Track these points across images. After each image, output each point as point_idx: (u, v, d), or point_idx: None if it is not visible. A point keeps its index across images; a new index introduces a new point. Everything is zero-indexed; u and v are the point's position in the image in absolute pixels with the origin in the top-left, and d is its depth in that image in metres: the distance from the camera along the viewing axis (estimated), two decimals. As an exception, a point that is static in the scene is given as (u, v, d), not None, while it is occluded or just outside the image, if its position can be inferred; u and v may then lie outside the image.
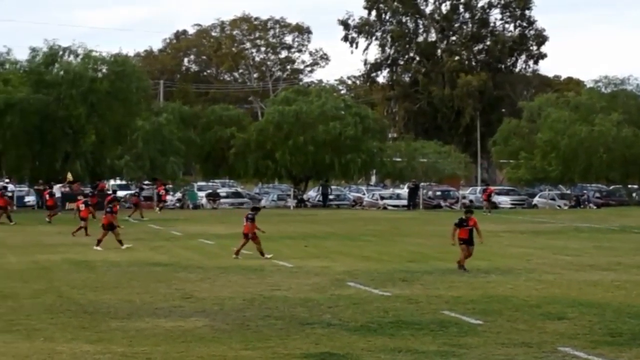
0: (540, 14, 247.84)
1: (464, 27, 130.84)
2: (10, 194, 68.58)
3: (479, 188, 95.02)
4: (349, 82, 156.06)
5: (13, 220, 60.00)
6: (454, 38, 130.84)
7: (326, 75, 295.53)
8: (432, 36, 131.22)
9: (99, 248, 41.61)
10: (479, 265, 33.56)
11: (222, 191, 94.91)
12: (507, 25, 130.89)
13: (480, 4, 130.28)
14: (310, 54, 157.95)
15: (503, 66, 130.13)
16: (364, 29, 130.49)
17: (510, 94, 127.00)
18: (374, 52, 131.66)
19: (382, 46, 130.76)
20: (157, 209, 73.61)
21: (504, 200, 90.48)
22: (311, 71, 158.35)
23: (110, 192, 72.55)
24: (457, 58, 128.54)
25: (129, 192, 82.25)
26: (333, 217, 70.33)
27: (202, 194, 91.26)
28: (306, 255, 38.96)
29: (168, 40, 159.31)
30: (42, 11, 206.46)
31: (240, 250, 38.08)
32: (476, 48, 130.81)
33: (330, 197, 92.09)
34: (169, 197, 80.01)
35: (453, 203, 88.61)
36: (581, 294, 27.33)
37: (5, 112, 77.39)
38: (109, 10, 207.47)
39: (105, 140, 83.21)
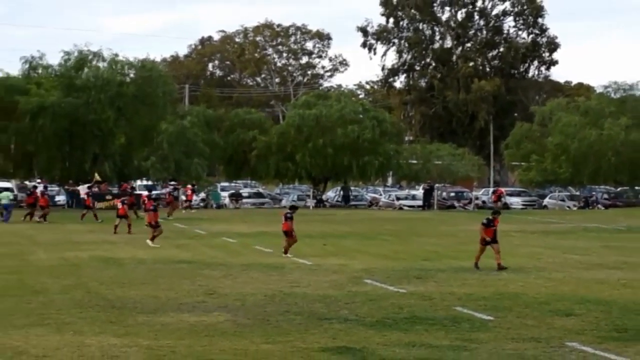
0: (552, 22, 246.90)
1: (479, 34, 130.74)
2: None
3: (491, 189, 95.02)
4: (367, 86, 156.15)
5: (47, 219, 60.32)
6: (468, 45, 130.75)
7: (345, 80, 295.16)
8: (448, 43, 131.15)
9: (154, 244, 42.10)
10: (492, 264, 33.60)
11: (245, 191, 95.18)
12: (520, 33, 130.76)
13: (494, 12, 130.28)
14: (330, 59, 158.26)
15: (516, 72, 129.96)
16: (382, 35, 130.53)
17: (522, 99, 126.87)
18: (391, 58, 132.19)
19: (400, 52, 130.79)
20: (183, 209, 73.51)
21: (516, 201, 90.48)
22: (331, 76, 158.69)
23: (141, 193, 72.72)
24: (471, 64, 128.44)
25: (157, 192, 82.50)
26: (351, 217, 70.42)
27: (225, 194, 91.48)
28: (325, 254, 39.07)
29: (193, 46, 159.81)
30: (73, 18, 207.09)
31: (287, 248, 38.27)
32: (490, 54, 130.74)
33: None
34: (193, 197, 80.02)
35: (466, 204, 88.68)
36: (589, 292, 27.37)
37: (38, 114, 77.86)
38: (137, 16, 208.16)
39: (132, 143, 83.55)
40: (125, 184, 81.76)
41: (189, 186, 77.88)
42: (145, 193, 67.08)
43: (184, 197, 77.06)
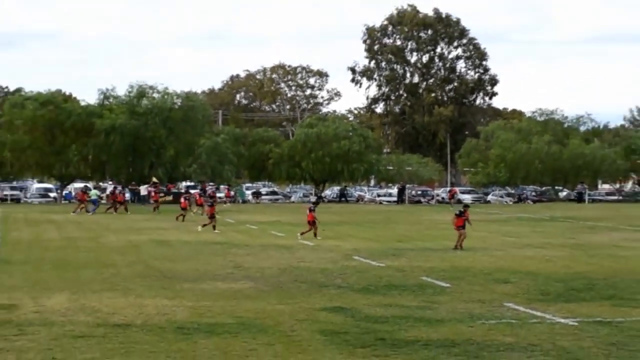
0: (493, 64, 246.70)
1: (438, 72, 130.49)
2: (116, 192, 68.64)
3: (447, 189, 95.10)
4: (355, 111, 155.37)
5: (119, 211, 60.30)
6: (431, 80, 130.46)
7: (339, 106, 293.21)
8: (415, 79, 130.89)
9: (217, 231, 41.83)
10: (449, 245, 33.61)
11: (263, 190, 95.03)
12: (469, 72, 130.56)
13: (450, 56, 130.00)
14: (327, 91, 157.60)
15: (466, 101, 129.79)
16: (366, 73, 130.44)
17: (471, 121, 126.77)
18: (373, 90, 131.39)
19: (379, 86, 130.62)
20: (227, 203, 73.60)
21: (467, 198, 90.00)
22: (328, 104, 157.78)
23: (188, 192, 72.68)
24: (433, 95, 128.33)
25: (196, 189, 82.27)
26: (343, 209, 70.41)
27: (248, 192, 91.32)
28: (324, 237, 39.04)
29: (225, 81, 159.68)
30: (135, 59, 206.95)
31: (304, 233, 38.09)
32: (447, 88, 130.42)
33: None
34: (220, 195, 79.75)
35: (430, 199, 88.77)
36: (521, 265, 27.38)
37: (110, 133, 78.41)
38: (183, 58, 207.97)
39: (179, 154, 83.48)
40: (171, 184, 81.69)
41: (223, 186, 77.81)
42: (196, 191, 67.13)
43: (222, 194, 76.89)
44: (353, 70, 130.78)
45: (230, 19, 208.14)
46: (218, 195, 74.95)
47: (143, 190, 72.77)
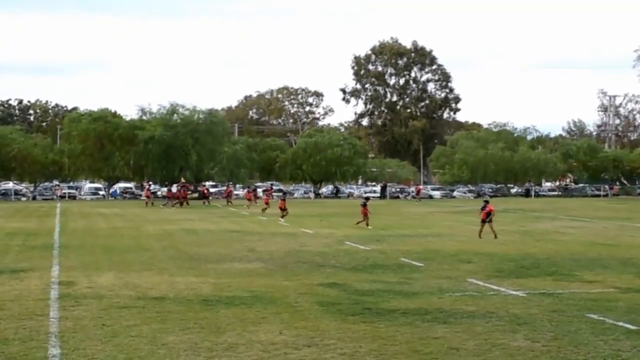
0: (457, 85, 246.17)
1: (413, 93, 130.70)
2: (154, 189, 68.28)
3: (413, 187, 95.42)
4: (345, 124, 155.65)
5: (170, 205, 60.00)
6: (407, 99, 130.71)
7: (332, 120, 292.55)
8: (394, 98, 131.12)
9: (282, 221, 41.66)
10: (422, 232, 33.50)
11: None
12: (438, 92, 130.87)
13: (422, 79, 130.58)
14: (323, 108, 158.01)
15: (435, 116, 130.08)
16: (354, 93, 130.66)
17: (440, 132, 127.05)
18: (360, 107, 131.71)
19: (365, 103, 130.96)
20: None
21: (436, 194, 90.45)
22: (323, 118, 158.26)
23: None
24: (408, 111, 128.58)
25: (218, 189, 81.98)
26: (336, 204, 70.36)
27: (260, 190, 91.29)
28: (321, 226, 39.00)
29: (240, 100, 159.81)
30: (168, 82, 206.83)
31: (359, 223, 37.91)
32: (420, 105, 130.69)
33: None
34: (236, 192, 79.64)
35: (406, 195, 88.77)
36: (481, 248, 27.33)
37: (148, 142, 78.56)
38: (208, 81, 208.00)
39: (203, 159, 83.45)
40: (188, 184, 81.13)
41: (239, 185, 77.64)
42: (246, 190, 67.22)
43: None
44: (343, 91, 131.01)
45: (245, 50, 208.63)
46: (236, 193, 74.88)
47: (174, 188, 72.38)
